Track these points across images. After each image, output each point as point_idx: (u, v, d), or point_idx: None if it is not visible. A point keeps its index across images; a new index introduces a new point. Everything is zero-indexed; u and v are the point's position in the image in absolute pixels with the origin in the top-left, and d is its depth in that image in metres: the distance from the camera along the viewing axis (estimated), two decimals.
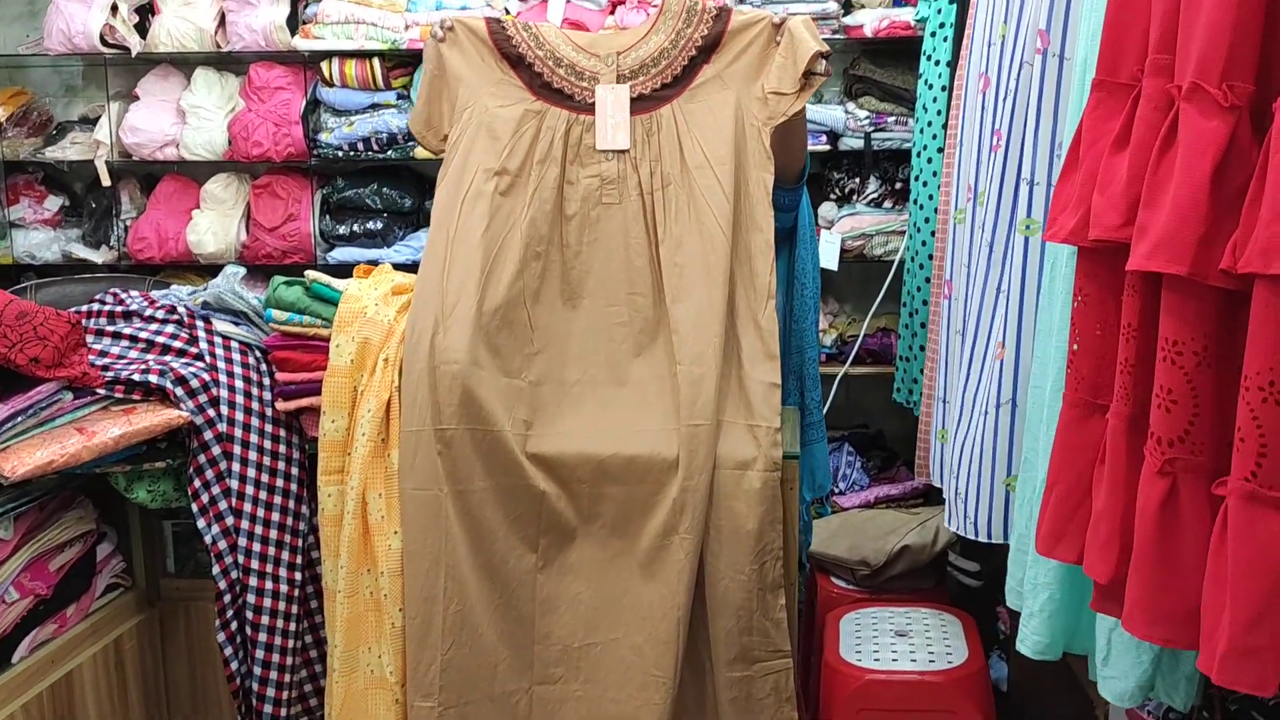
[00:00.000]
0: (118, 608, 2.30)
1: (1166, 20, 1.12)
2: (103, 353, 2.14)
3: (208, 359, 2.14)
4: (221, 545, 2.08)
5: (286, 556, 2.15)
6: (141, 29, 3.59)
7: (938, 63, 2.87)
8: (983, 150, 1.98)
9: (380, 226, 3.54)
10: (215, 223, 3.62)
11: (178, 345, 2.16)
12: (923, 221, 2.85)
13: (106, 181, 3.64)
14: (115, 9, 3.52)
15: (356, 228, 3.54)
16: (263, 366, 2.19)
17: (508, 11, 3.43)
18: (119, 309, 2.24)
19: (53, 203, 3.78)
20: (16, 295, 2.11)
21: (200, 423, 2.07)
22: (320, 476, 2.06)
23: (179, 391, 2.05)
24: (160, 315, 2.21)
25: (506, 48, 2.08)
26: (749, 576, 1.91)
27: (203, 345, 2.16)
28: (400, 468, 1.98)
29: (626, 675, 1.97)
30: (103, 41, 3.50)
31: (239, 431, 2.10)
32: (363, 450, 2.02)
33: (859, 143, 3.44)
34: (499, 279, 1.99)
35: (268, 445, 2.14)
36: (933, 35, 2.91)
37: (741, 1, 3.33)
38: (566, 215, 2.05)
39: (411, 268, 2.56)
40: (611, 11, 3.43)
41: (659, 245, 2.02)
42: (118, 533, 2.34)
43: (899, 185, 3.45)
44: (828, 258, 3.30)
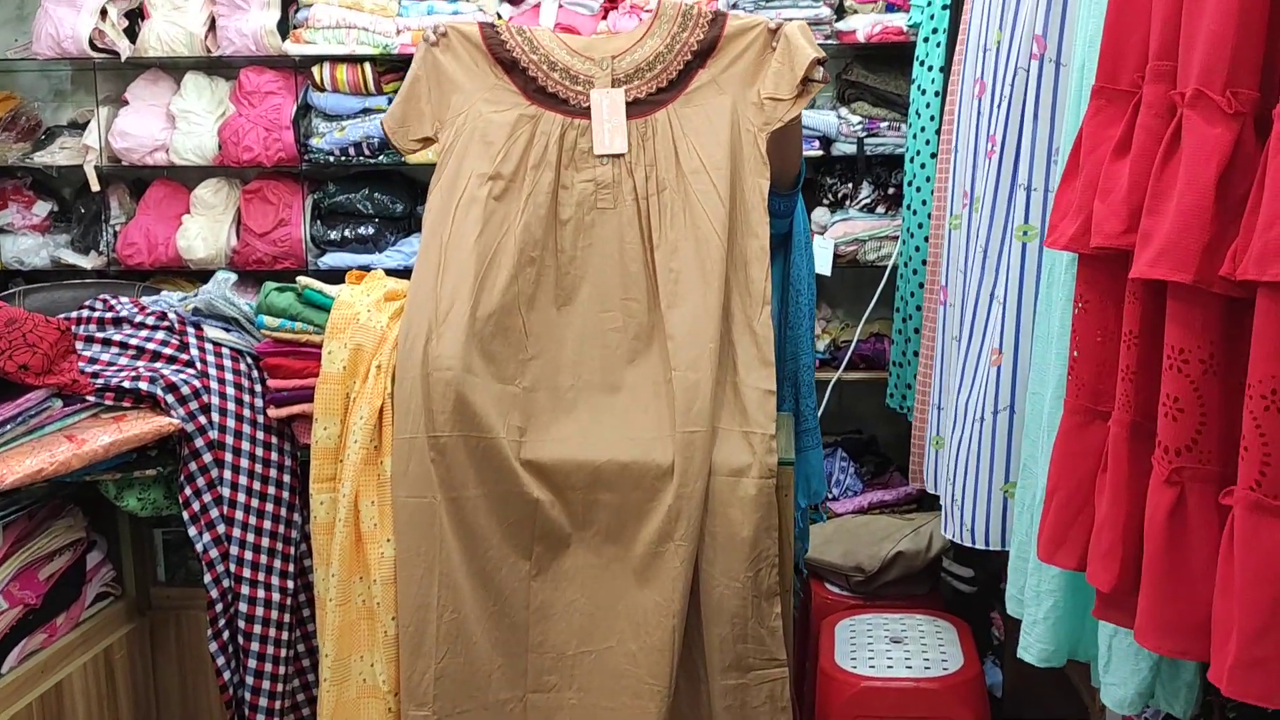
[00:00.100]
0: (108, 617, 2.28)
1: (1167, 27, 1.12)
2: (92, 359, 2.12)
3: (199, 366, 2.12)
4: (213, 554, 2.07)
5: (278, 565, 2.14)
6: (131, 33, 3.57)
7: (930, 68, 2.87)
8: (978, 156, 1.98)
9: (372, 232, 3.52)
10: (205, 228, 3.59)
11: (168, 352, 2.14)
12: (916, 227, 2.85)
13: (96, 187, 3.61)
14: (104, 13, 3.50)
15: (348, 233, 3.52)
16: (254, 373, 2.18)
17: (500, 16, 3.42)
18: (109, 315, 2.23)
19: (41, 208, 3.76)
20: (5, 301, 2.09)
21: (191, 430, 2.05)
22: (312, 484, 2.05)
23: (170, 398, 2.04)
24: (150, 321, 2.20)
25: (500, 52, 2.07)
26: (744, 584, 1.90)
27: (193, 352, 2.14)
28: (393, 475, 1.96)
29: (621, 683, 1.96)
30: (92, 46, 3.48)
31: (230, 439, 2.09)
32: (355, 457, 2.01)
33: (852, 148, 3.43)
34: (493, 284, 1.98)
35: (259, 453, 2.13)
36: (925, 41, 2.91)
37: (734, 6, 3.32)
38: (561, 220, 2.04)
39: (403, 273, 2.55)
40: (604, 16, 3.42)
41: (654, 250, 2.01)
42: (108, 541, 2.32)
43: (892, 190, 3.45)
44: (821, 263, 3.30)
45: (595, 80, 2.05)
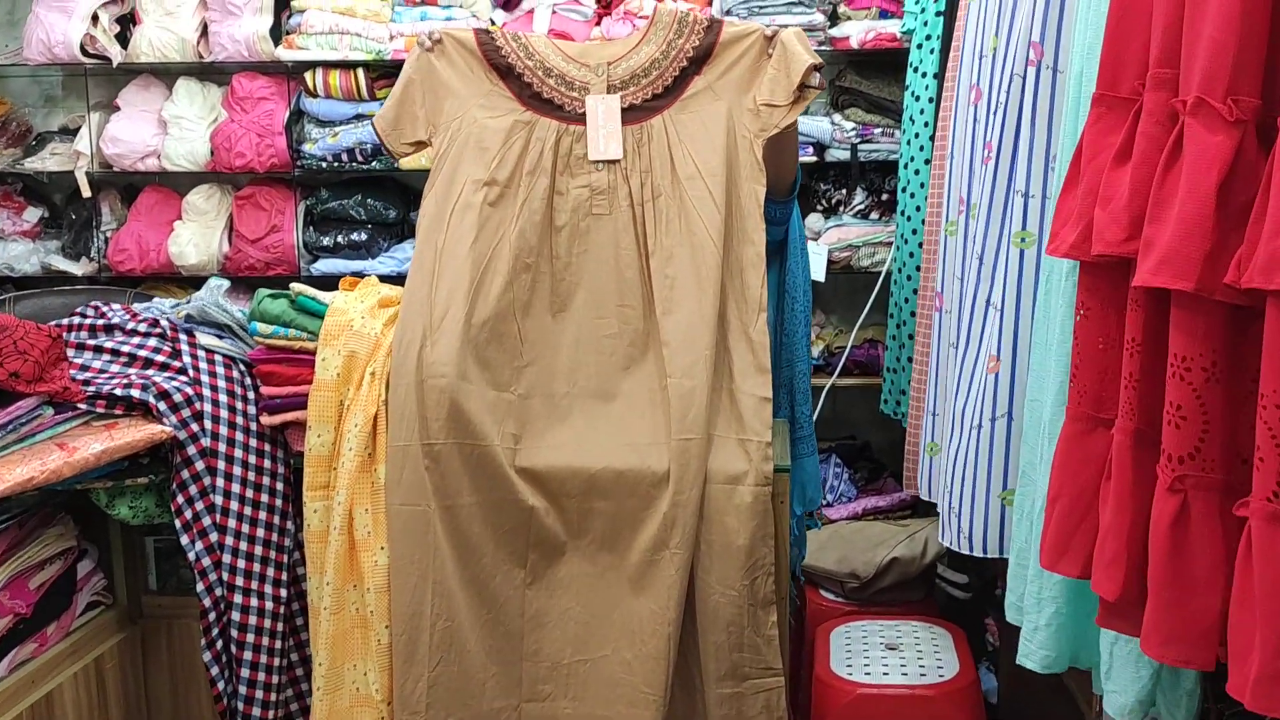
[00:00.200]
0: (99, 626, 2.26)
1: (1168, 35, 1.12)
2: (84, 367, 2.11)
3: (191, 373, 2.11)
4: (205, 562, 2.05)
5: (272, 573, 2.12)
6: (123, 39, 3.55)
7: (924, 75, 2.87)
8: (974, 162, 1.98)
9: (365, 238, 3.51)
10: (197, 234, 3.58)
11: (160, 359, 2.13)
12: (910, 233, 2.85)
13: (87, 193, 3.60)
14: (96, 19, 3.48)
15: (341, 239, 3.51)
16: (247, 380, 2.17)
17: (493, 22, 3.41)
18: (100, 322, 2.21)
19: (32, 214, 3.74)
20: None
21: (184, 438, 2.04)
22: (306, 492, 2.04)
23: (162, 406, 2.02)
24: (142, 328, 2.18)
25: (496, 59, 2.06)
26: (740, 592, 1.89)
27: (186, 359, 2.13)
28: (387, 482, 1.95)
29: (616, 692, 1.95)
30: (83, 51, 3.47)
31: (223, 446, 2.07)
32: (349, 465, 2.00)
33: (845, 154, 3.44)
34: (488, 291, 1.97)
35: (252, 460, 2.11)
36: (919, 47, 2.91)
37: (727, 13, 3.32)
38: (556, 226, 2.03)
39: (396, 279, 2.54)
40: (598, 22, 3.42)
41: (649, 257, 2.00)
42: (99, 549, 2.31)
43: (885, 196, 3.45)
44: (815, 269, 3.30)
45: (591, 86, 2.04)
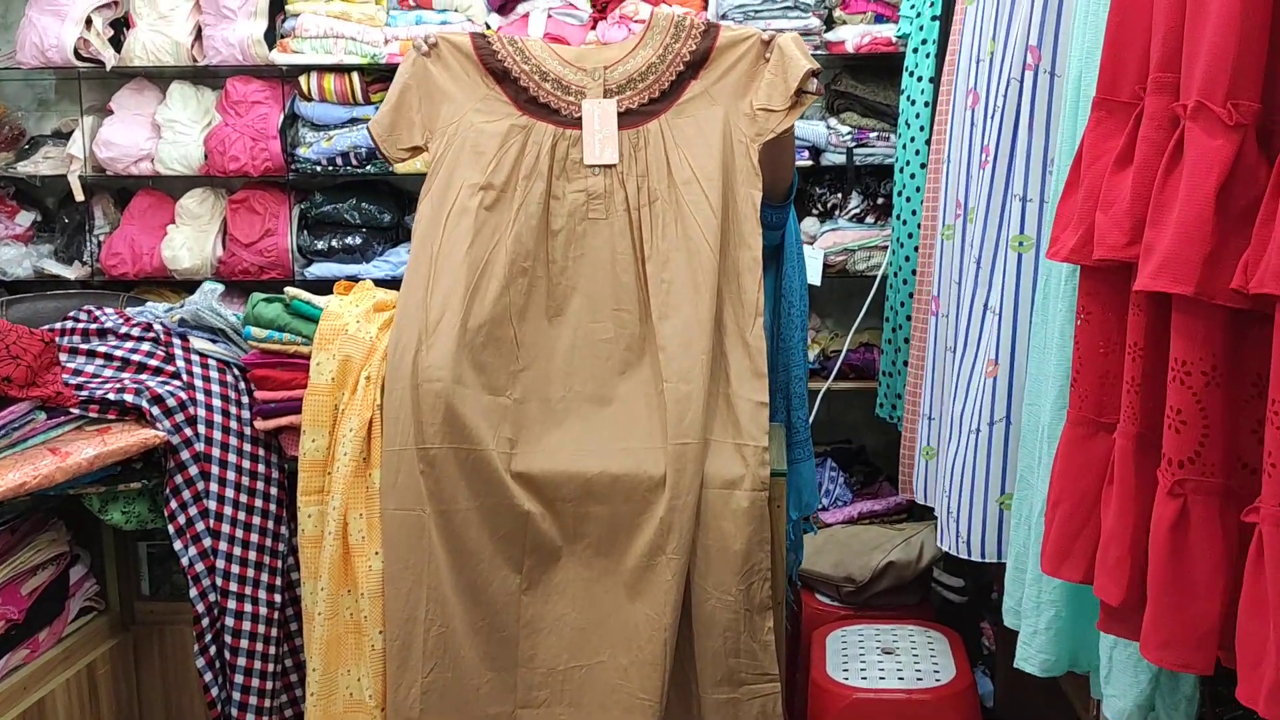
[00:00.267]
0: (91, 632, 2.25)
1: (1169, 39, 1.11)
2: (77, 371, 2.10)
3: (185, 377, 2.10)
4: (199, 567, 2.04)
5: (266, 578, 2.11)
6: (116, 42, 3.54)
7: (920, 79, 2.87)
8: (972, 166, 1.98)
9: (359, 242, 3.50)
10: (191, 238, 3.56)
11: (154, 363, 2.12)
12: (906, 237, 2.85)
13: (80, 196, 3.58)
14: (90, 22, 3.47)
15: (335, 243, 3.50)
16: (241, 385, 2.16)
17: (489, 26, 3.41)
18: (93, 326, 2.20)
19: (24, 218, 3.72)
20: None
21: (177, 442, 2.03)
22: (300, 497, 2.03)
23: (155, 411, 2.02)
24: (136, 333, 2.18)
25: (492, 63, 2.06)
26: (736, 597, 1.89)
27: (179, 363, 2.12)
28: (382, 487, 1.95)
29: (612, 698, 1.94)
30: (77, 55, 3.45)
31: (217, 451, 2.07)
32: (344, 470, 1.99)
33: (841, 158, 3.43)
34: (484, 295, 1.97)
35: (246, 465, 2.10)
36: (915, 51, 2.92)
37: (723, 17, 3.32)
38: (552, 231, 2.03)
39: (391, 283, 2.53)
40: (593, 26, 3.41)
41: (645, 261, 2.00)
42: (91, 555, 2.30)
43: (881, 200, 3.45)
44: (811, 273, 3.29)
45: (587, 91, 2.04)
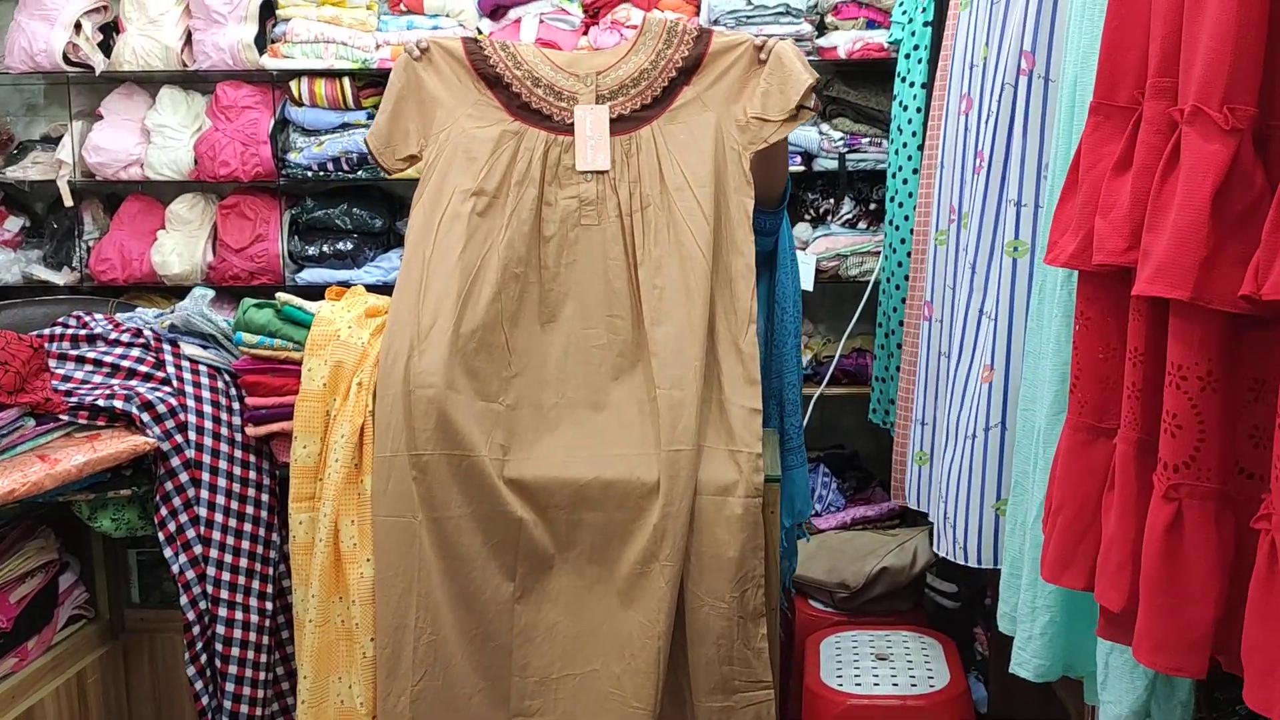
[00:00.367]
0: (80, 640, 2.23)
1: (1168, 44, 1.11)
2: (66, 377, 2.08)
3: (175, 383, 2.09)
4: (189, 575, 2.03)
5: (257, 586, 2.10)
6: (105, 47, 3.53)
7: (912, 84, 2.87)
8: (965, 172, 1.98)
9: (350, 247, 3.49)
10: (181, 244, 3.55)
11: (144, 369, 2.11)
12: (898, 242, 2.85)
13: (69, 202, 3.57)
14: (79, 27, 3.46)
15: (326, 248, 3.49)
16: (232, 391, 2.15)
17: (480, 31, 3.40)
18: (83, 332, 2.19)
19: (13, 223, 3.71)
20: None
21: (167, 449, 2.01)
22: (291, 503, 2.02)
23: (145, 417, 2.00)
24: (125, 338, 2.16)
25: (484, 68, 2.05)
26: (730, 604, 1.88)
27: (170, 369, 2.11)
28: (373, 493, 1.94)
29: (605, 707, 1.93)
30: (66, 60, 3.44)
31: (207, 458, 2.05)
32: (336, 476, 1.98)
33: (833, 164, 3.44)
34: (476, 301, 1.96)
35: (237, 472, 2.09)
36: (907, 57, 2.92)
37: (715, 23, 3.32)
38: (545, 237, 2.02)
39: (382, 289, 2.52)
40: (584, 32, 3.42)
41: (638, 267, 1.99)
42: (80, 562, 2.28)
43: (873, 206, 3.45)
44: (803, 278, 3.29)
45: (579, 96, 2.03)
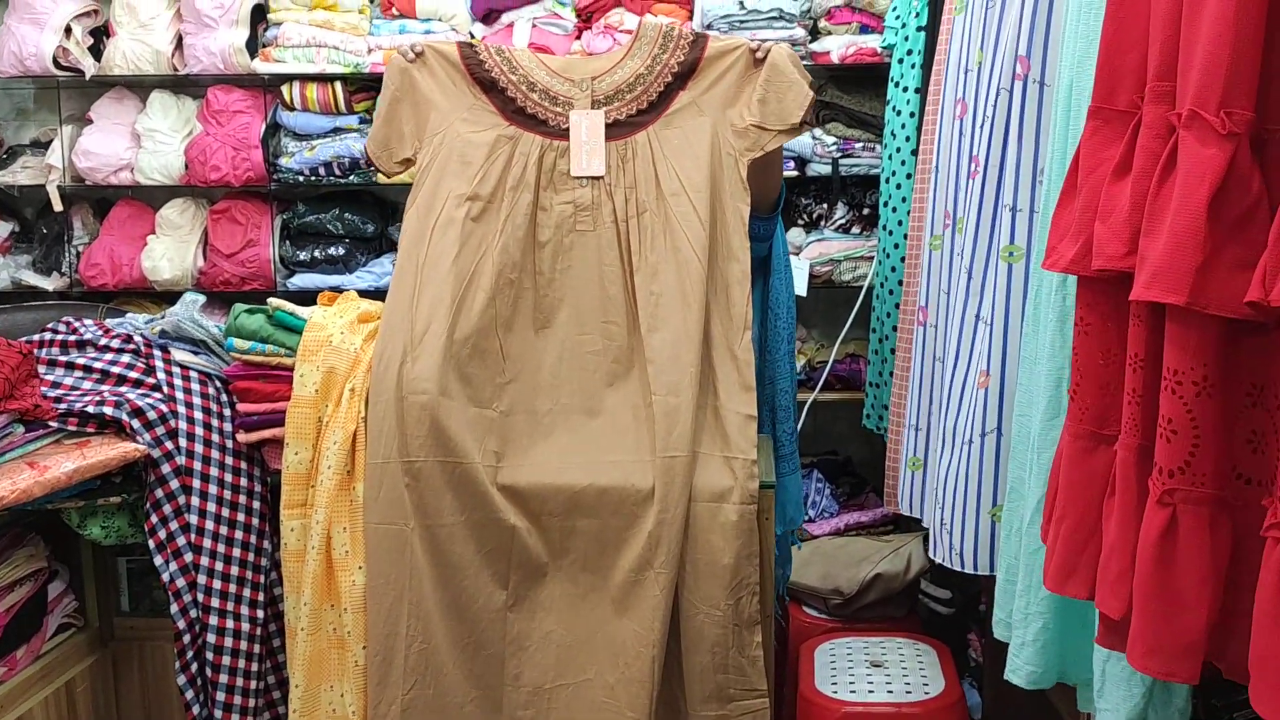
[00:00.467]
0: (70, 648, 2.22)
1: (1166, 48, 1.11)
2: (55, 384, 2.07)
3: (165, 390, 2.07)
4: (180, 583, 2.01)
5: (248, 594, 2.08)
6: (96, 51, 3.51)
7: (906, 89, 2.87)
8: (960, 177, 1.97)
9: (342, 252, 3.47)
10: (171, 249, 3.53)
11: (134, 375, 2.09)
12: (892, 247, 2.84)
13: (58, 206, 3.55)
14: (69, 31, 3.44)
15: (318, 253, 3.47)
16: (223, 397, 2.13)
17: (473, 36, 3.40)
18: (72, 338, 2.17)
19: (2, 228, 3.68)
20: None
21: (158, 456, 2.00)
22: (283, 510, 2.00)
23: (135, 424, 1.99)
24: (116, 344, 2.15)
25: (479, 72, 2.04)
26: (724, 612, 1.87)
27: (160, 375, 2.09)
28: (365, 500, 1.92)
29: (599, 717, 1.92)
30: (56, 64, 3.42)
31: (198, 465, 2.04)
32: (328, 483, 1.96)
33: (826, 168, 3.43)
34: (470, 307, 1.95)
35: (228, 479, 2.08)
36: (900, 62, 2.92)
37: (708, 28, 3.32)
38: (539, 242, 2.01)
39: (374, 294, 2.51)
40: (578, 36, 3.41)
41: (634, 273, 1.98)
42: (70, 570, 2.27)
43: (867, 211, 3.45)
44: (796, 283, 3.28)
45: (575, 101, 2.03)
